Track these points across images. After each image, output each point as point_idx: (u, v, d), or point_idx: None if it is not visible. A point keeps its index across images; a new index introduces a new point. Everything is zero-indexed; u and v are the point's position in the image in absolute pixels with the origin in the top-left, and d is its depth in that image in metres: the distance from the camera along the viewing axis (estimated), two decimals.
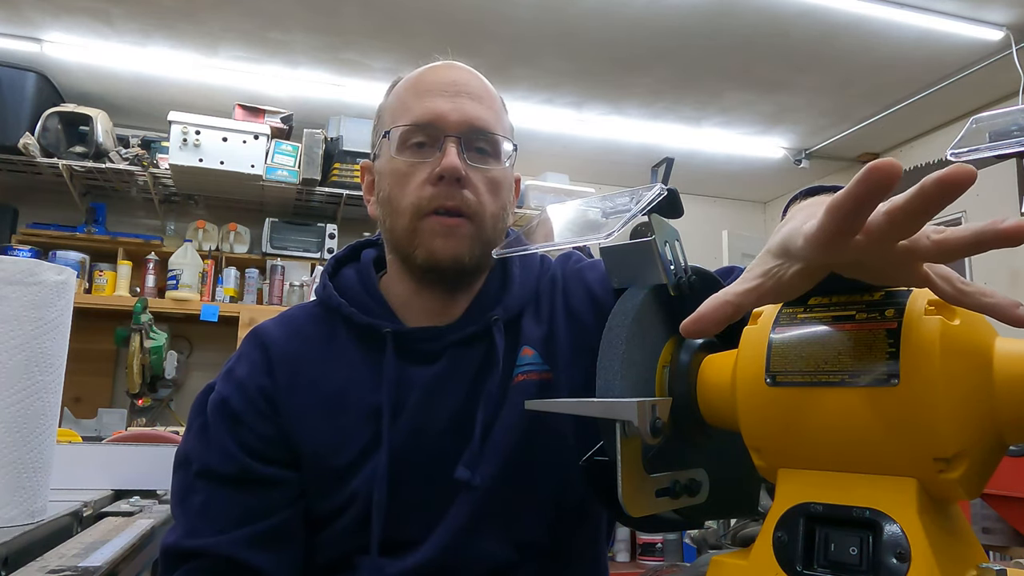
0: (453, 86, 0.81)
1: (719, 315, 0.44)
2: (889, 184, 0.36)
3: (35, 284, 0.94)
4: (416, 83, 0.83)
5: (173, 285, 3.27)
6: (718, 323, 0.44)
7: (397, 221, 0.81)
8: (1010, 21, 2.81)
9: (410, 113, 0.81)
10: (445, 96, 0.80)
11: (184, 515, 0.78)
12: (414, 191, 0.79)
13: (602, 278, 0.87)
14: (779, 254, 0.45)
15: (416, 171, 0.79)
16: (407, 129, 0.80)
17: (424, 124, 0.79)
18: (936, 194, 0.36)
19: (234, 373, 0.83)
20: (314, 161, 3.34)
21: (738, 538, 0.81)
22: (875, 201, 0.37)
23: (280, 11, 2.80)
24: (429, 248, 0.78)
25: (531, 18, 2.81)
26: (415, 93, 0.82)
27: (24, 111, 3.12)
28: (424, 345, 0.81)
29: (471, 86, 0.83)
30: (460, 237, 0.78)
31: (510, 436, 0.78)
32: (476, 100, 0.82)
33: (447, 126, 0.79)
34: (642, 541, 2.86)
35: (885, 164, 0.36)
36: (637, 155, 4.05)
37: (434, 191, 0.78)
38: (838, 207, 0.38)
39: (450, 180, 0.77)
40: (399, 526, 0.77)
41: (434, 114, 0.79)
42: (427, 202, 0.78)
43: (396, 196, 0.80)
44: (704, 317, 0.44)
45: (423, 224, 0.79)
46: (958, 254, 0.39)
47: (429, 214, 0.78)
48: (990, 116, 0.48)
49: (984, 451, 0.43)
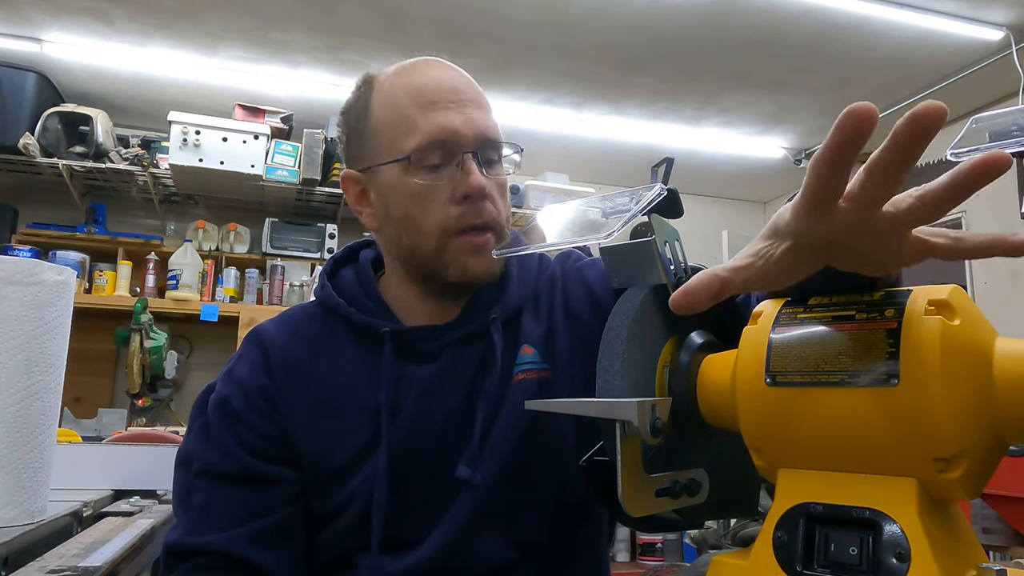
0: (455, 94, 0.79)
1: (708, 290, 0.44)
2: (866, 127, 0.36)
3: (35, 284, 0.94)
4: (415, 92, 0.79)
5: (173, 285, 3.27)
6: (707, 298, 0.44)
7: (421, 241, 0.79)
8: (1010, 21, 2.81)
9: (420, 130, 0.77)
10: (452, 108, 0.78)
11: (186, 513, 0.78)
12: (439, 211, 0.77)
13: (601, 277, 0.87)
14: (769, 235, 0.44)
15: (436, 191, 0.77)
16: (422, 148, 0.77)
17: (440, 142, 0.77)
18: (908, 138, 0.35)
19: (234, 373, 0.83)
20: (314, 161, 3.34)
21: (738, 538, 0.81)
22: (855, 147, 0.37)
23: (280, 11, 2.80)
24: (462, 267, 0.78)
25: (531, 18, 2.81)
26: (418, 106, 0.78)
27: (24, 111, 3.12)
28: (422, 344, 0.81)
29: (470, 92, 0.81)
30: (487, 252, 0.78)
31: (510, 435, 0.79)
32: (479, 107, 0.80)
33: (464, 142, 0.77)
34: (642, 541, 2.86)
35: (861, 107, 0.35)
36: (637, 155, 4.05)
37: (461, 210, 0.77)
38: (819, 160, 0.38)
39: (476, 198, 0.77)
40: (399, 525, 0.77)
41: (448, 131, 0.77)
42: (455, 222, 0.77)
43: (417, 216, 0.78)
44: (692, 290, 0.44)
45: (452, 243, 0.78)
46: (940, 203, 0.38)
47: (458, 234, 0.77)
48: (990, 116, 0.48)
49: (984, 451, 0.43)
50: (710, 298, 0.44)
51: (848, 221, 0.40)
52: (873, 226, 0.40)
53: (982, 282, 3.46)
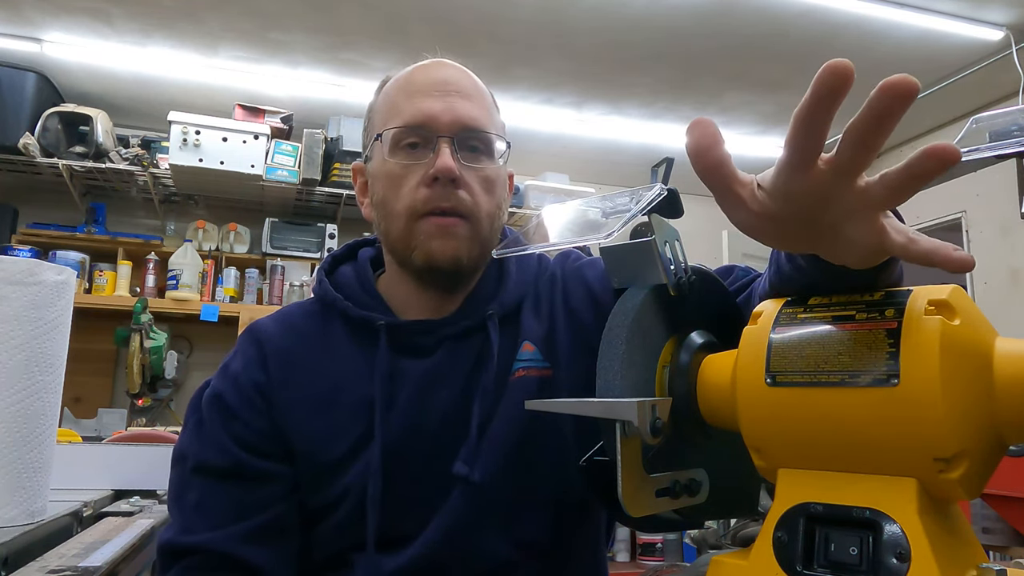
0: (443, 85, 0.81)
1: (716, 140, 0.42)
2: (842, 83, 0.37)
3: (35, 284, 0.94)
4: (406, 83, 0.83)
5: (173, 285, 3.27)
6: (717, 142, 0.42)
7: (392, 224, 0.80)
8: (1010, 21, 2.81)
9: (401, 115, 0.80)
10: (436, 96, 0.80)
11: (180, 512, 0.78)
12: (408, 193, 0.78)
13: (602, 276, 0.88)
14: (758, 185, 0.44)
15: (410, 173, 0.79)
16: (399, 131, 0.80)
17: (416, 125, 0.79)
18: (883, 104, 0.37)
19: (229, 368, 0.83)
20: (314, 161, 3.34)
21: (738, 538, 0.81)
22: (833, 101, 0.38)
23: (280, 11, 2.80)
24: (426, 250, 0.78)
25: (531, 18, 2.81)
26: (405, 94, 0.81)
27: (24, 111, 3.12)
28: (418, 338, 0.81)
29: (461, 84, 0.82)
30: (457, 237, 0.78)
31: (509, 432, 0.78)
32: (467, 98, 0.81)
33: (439, 127, 0.79)
34: (642, 541, 2.86)
35: (838, 62, 0.37)
36: (637, 155, 4.05)
37: (429, 192, 0.78)
38: (798, 113, 0.39)
39: (444, 181, 0.77)
40: (394, 521, 0.77)
41: (426, 115, 0.79)
42: (422, 204, 0.78)
43: (390, 199, 0.80)
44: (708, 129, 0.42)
45: (419, 226, 0.78)
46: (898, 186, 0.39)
47: (425, 216, 0.78)
48: (990, 116, 0.48)
49: (984, 451, 0.43)
50: (719, 146, 0.42)
51: (825, 184, 0.41)
52: (845, 197, 0.41)
53: (982, 282, 3.46)
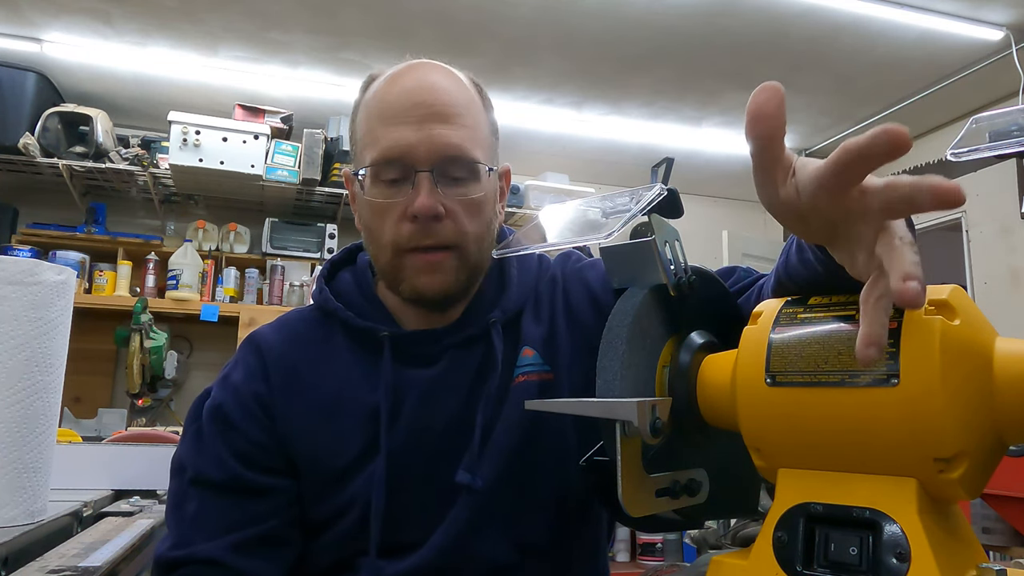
0: (419, 108, 0.76)
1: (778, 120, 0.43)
2: (896, 150, 0.39)
3: (35, 284, 0.94)
4: (382, 105, 0.78)
5: (173, 285, 3.27)
6: (779, 113, 0.43)
7: (380, 254, 0.79)
8: (1010, 21, 2.82)
9: (378, 145, 0.77)
10: (412, 123, 0.75)
11: (177, 524, 0.77)
12: (392, 228, 0.77)
13: (602, 277, 0.87)
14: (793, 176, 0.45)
15: (391, 208, 0.77)
16: (376, 167, 0.77)
17: (393, 159, 0.76)
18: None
19: (230, 379, 0.82)
20: (314, 161, 3.34)
21: (738, 538, 0.81)
22: (883, 158, 0.40)
23: (280, 11, 2.80)
24: (413, 284, 0.77)
25: (531, 18, 2.81)
26: (381, 119, 0.77)
27: (24, 111, 3.12)
28: (422, 348, 0.81)
29: (440, 101, 0.77)
30: (444, 271, 0.77)
31: (511, 437, 0.78)
32: (445, 121, 0.76)
33: (416, 161, 0.75)
34: (642, 541, 2.86)
35: (902, 133, 0.38)
36: (637, 155, 4.05)
37: (412, 228, 0.76)
38: (853, 147, 0.40)
39: (424, 219, 0.75)
40: (398, 529, 0.77)
41: (401, 148, 0.75)
42: (406, 240, 0.76)
43: (375, 229, 0.79)
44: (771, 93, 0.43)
45: (405, 261, 0.77)
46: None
47: (410, 251, 0.77)
48: (990, 116, 0.48)
49: (984, 451, 0.43)
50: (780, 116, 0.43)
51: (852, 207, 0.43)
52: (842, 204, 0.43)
53: (982, 282, 3.46)
